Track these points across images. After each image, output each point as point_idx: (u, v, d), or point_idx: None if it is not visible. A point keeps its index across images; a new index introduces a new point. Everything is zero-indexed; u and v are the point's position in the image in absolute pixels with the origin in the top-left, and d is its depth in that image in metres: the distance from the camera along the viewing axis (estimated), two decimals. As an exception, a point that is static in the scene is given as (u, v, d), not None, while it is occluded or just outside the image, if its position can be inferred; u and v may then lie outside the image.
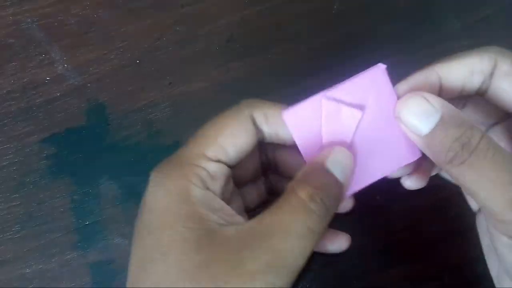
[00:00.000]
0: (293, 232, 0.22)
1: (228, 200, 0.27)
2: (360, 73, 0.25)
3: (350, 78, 0.25)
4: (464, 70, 0.25)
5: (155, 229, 0.23)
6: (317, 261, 0.35)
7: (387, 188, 0.28)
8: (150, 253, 0.23)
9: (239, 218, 0.25)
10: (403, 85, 0.25)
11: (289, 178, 0.29)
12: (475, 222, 0.30)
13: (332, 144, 0.25)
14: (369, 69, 0.25)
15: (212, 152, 0.25)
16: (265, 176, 0.32)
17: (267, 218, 0.22)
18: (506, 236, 0.23)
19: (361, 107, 0.25)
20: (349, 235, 0.29)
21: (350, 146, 0.26)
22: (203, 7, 0.41)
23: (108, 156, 0.38)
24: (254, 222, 0.23)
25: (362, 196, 0.29)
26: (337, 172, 0.24)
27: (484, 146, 0.22)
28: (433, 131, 0.23)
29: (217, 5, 0.41)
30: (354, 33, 0.40)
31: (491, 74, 0.25)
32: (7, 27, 0.40)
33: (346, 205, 0.28)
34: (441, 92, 0.25)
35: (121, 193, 0.37)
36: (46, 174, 0.37)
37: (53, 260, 0.36)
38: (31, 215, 0.36)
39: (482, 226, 0.29)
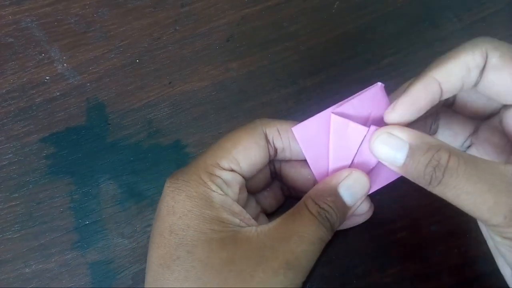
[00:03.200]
0: (306, 239, 0.25)
1: (242, 207, 0.28)
2: (362, 91, 0.27)
3: (353, 96, 0.27)
4: (461, 70, 0.25)
5: (178, 229, 0.25)
6: (317, 261, 0.35)
7: (386, 188, 0.28)
8: (175, 252, 0.24)
9: (255, 223, 0.27)
10: (405, 99, 0.25)
11: (292, 187, 0.31)
12: (474, 221, 0.30)
13: (339, 158, 0.28)
14: (369, 87, 0.27)
15: (226, 163, 0.27)
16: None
17: (284, 225, 0.25)
18: (500, 237, 0.23)
19: (365, 122, 0.27)
20: (372, 203, 0.30)
21: (355, 159, 0.28)
22: (203, 6, 0.41)
23: (108, 156, 0.38)
24: (271, 226, 0.25)
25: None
26: (347, 197, 0.26)
27: (454, 163, 0.23)
28: (406, 161, 0.24)
29: (217, 4, 0.41)
30: (354, 32, 0.40)
31: (483, 68, 0.25)
32: (6, 27, 0.40)
33: (365, 216, 0.30)
34: (442, 95, 0.26)
35: (120, 193, 0.37)
36: (45, 173, 0.37)
37: (53, 260, 0.36)
38: (30, 215, 0.36)
39: (484, 227, 0.29)
